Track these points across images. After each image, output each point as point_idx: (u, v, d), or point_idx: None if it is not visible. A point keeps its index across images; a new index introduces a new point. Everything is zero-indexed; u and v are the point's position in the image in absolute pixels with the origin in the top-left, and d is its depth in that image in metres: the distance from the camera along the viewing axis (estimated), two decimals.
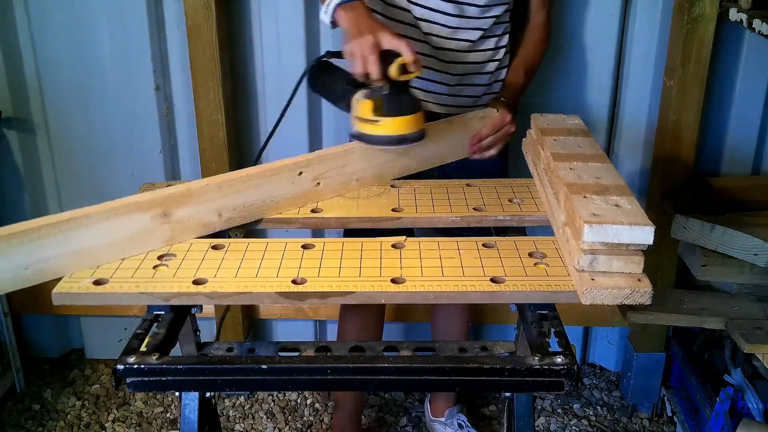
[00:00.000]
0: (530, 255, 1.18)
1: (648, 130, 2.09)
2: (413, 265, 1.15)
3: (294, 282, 1.10)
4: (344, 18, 1.38)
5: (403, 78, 1.31)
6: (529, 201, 1.39)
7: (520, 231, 1.35)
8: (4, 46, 2.07)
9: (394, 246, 1.21)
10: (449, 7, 1.59)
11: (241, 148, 2.13)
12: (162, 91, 2.10)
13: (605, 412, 2.27)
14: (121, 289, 1.09)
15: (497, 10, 1.64)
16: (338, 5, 1.40)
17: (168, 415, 2.24)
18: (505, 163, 1.81)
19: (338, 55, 1.45)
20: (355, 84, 1.37)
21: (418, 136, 1.37)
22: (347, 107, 1.39)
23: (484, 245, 1.22)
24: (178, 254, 1.19)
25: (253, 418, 2.24)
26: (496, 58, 1.70)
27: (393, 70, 1.29)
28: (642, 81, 2.05)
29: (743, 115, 2.07)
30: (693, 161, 2.01)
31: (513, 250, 1.20)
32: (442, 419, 2.12)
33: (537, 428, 2.20)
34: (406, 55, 1.29)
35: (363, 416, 2.22)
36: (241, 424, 2.22)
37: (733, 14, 1.76)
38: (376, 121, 1.33)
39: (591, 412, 2.27)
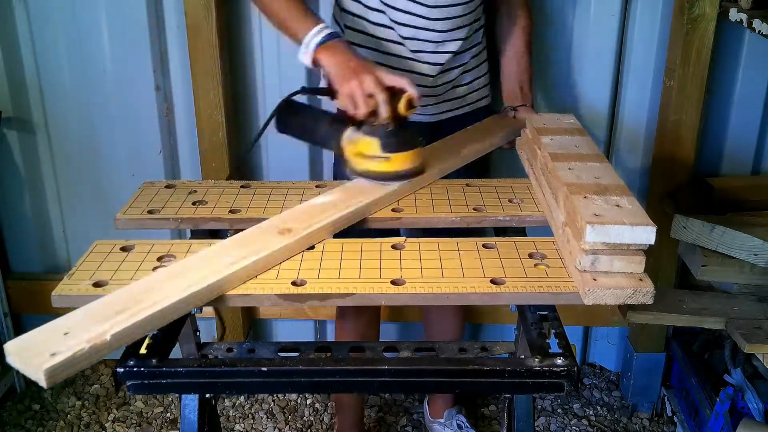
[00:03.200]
0: (530, 256, 1.18)
1: (648, 130, 2.09)
2: (413, 266, 1.15)
3: (294, 284, 1.10)
4: (328, 59, 1.35)
5: (410, 112, 1.33)
6: (529, 201, 1.39)
7: (520, 231, 1.35)
8: (4, 46, 2.06)
9: (393, 247, 1.21)
10: (436, 24, 1.55)
11: (241, 148, 2.13)
12: (162, 91, 2.09)
13: (605, 412, 2.27)
14: None
15: (471, 16, 1.60)
16: (319, 45, 1.35)
17: (168, 415, 2.24)
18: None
19: (318, 92, 1.46)
20: (341, 122, 1.37)
21: (423, 169, 1.41)
22: (337, 148, 1.39)
23: (484, 246, 1.21)
24: (178, 255, 1.19)
25: (253, 418, 2.24)
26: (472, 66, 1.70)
27: (402, 107, 1.30)
28: (642, 81, 2.05)
29: (743, 115, 2.07)
30: (693, 161, 2.01)
31: (513, 251, 1.20)
32: (441, 420, 2.12)
33: (537, 428, 2.20)
34: (411, 92, 1.30)
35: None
36: (241, 424, 2.22)
37: (733, 14, 1.76)
38: (386, 157, 1.34)
39: (591, 412, 2.27)
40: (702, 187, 1.99)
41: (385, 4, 1.54)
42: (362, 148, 1.35)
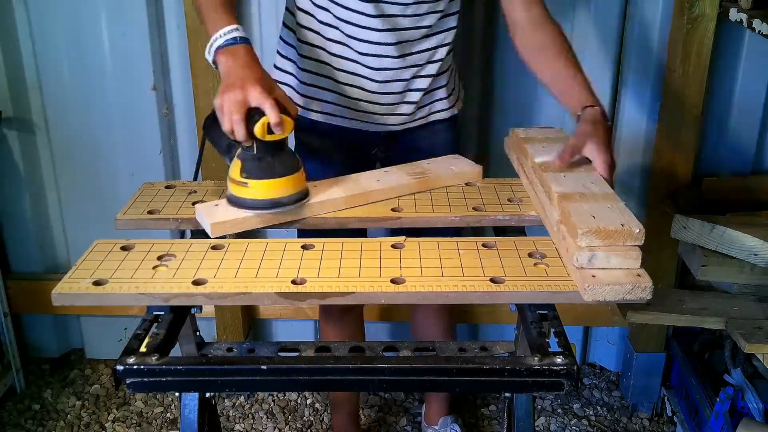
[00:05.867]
0: (530, 255, 1.18)
1: (648, 130, 2.09)
2: (413, 265, 1.15)
3: (294, 282, 1.10)
4: (222, 64, 1.26)
5: (270, 138, 1.21)
6: (528, 200, 1.39)
7: (519, 231, 1.35)
8: (4, 46, 2.07)
9: (393, 246, 1.21)
10: (379, 23, 1.47)
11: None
12: (162, 91, 2.10)
13: (605, 412, 2.27)
14: (120, 290, 1.09)
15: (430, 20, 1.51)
16: (220, 47, 1.27)
17: (168, 415, 2.24)
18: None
19: None
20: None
21: (295, 199, 1.28)
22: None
23: (483, 245, 1.21)
24: (178, 254, 1.19)
25: (253, 418, 2.24)
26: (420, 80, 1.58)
27: (257, 130, 1.20)
28: (642, 81, 2.05)
29: (743, 115, 2.07)
30: (693, 161, 2.01)
31: (513, 250, 1.20)
32: (436, 427, 2.09)
33: (537, 428, 2.20)
34: (269, 116, 1.19)
35: (363, 416, 2.22)
36: (241, 424, 2.22)
37: (733, 14, 1.76)
38: (244, 183, 1.25)
39: (591, 412, 2.27)
40: (702, 187, 1.99)
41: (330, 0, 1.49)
42: (230, 170, 1.27)
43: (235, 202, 1.27)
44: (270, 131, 1.21)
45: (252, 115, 1.20)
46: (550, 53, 1.46)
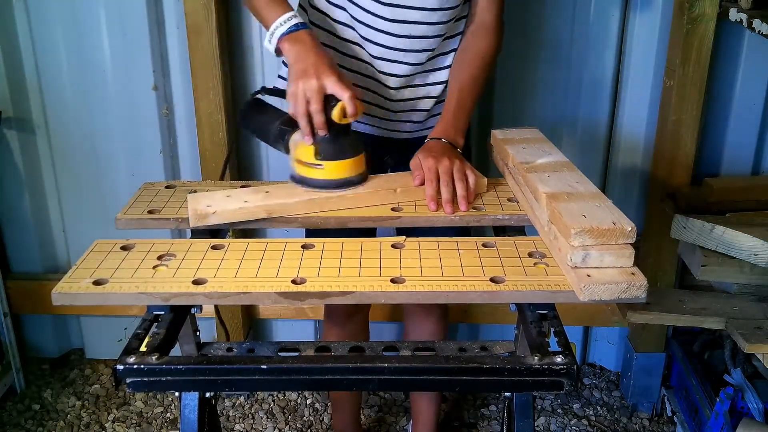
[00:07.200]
0: (530, 255, 1.19)
1: (648, 130, 2.09)
2: (413, 265, 1.15)
3: (294, 282, 1.10)
4: (289, 51, 1.32)
5: (345, 122, 1.30)
6: None
7: (519, 230, 1.35)
8: (4, 46, 2.07)
9: (393, 246, 1.21)
10: (396, 28, 1.46)
11: (241, 148, 2.13)
12: (162, 91, 2.10)
13: (605, 412, 2.27)
14: (120, 290, 1.09)
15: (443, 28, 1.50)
16: (284, 35, 1.33)
17: (168, 415, 2.24)
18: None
19: (274, 92, 1.41)
20: (291, 124, 1.34)
21: (362, 179, 1.37)
22: (286, 149, 1.37)
23: (483, 245, 1.22)
24: (178, 254, 1.19)
25: (253, 418, 2.24)
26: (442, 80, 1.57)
27: (335, 114, 1.28)
28: (642, 81, 2.05)
29: (743, 115, 2.07)
30: (693, 161, 2.01)
31: (512, 250, 1.20)
32: None
33: (537, 428, 2.20)
34: (348, 105, 1.26)
35: (363, 416, 2.22)
36: (241, 424, 2.22)
37: (733, 14, 1.76)
38: (319, 165, 1.32)
39: (591, 412, 2.27)
40: (702, 187, 1.99)
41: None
42: (300, 154, 1.34)
43: (309, 183, 1.34)
44: (346, 114, 1.29)
45: (328, 100, 1.28)
46: (464, 59, 1.53)
